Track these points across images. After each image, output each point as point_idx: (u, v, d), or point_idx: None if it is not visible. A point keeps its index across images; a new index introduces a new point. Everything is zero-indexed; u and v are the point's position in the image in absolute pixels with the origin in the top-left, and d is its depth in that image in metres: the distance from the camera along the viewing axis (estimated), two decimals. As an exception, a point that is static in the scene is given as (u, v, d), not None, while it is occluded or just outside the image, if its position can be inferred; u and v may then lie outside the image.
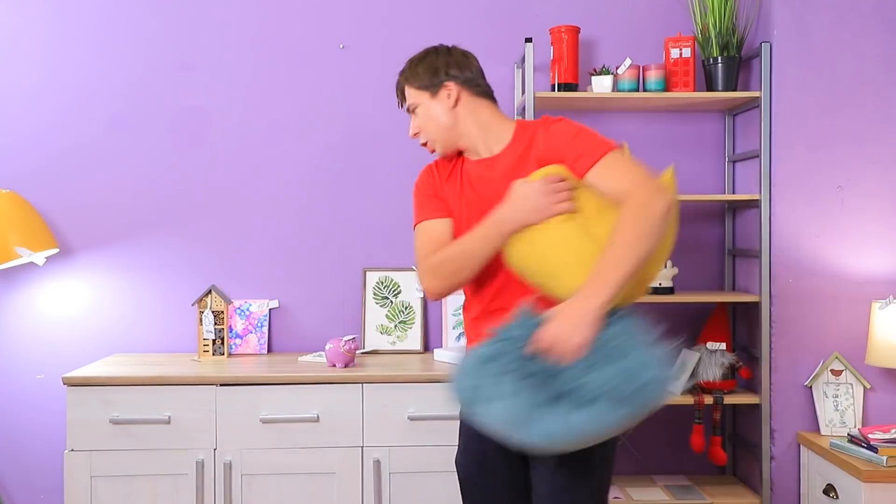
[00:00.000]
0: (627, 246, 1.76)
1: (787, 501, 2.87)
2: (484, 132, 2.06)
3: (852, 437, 2.65)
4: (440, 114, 2.07)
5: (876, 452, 2.54)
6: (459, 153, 2.12)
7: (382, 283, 3.14)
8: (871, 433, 2.60)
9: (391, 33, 3.16)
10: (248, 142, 3.15)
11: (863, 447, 2.59)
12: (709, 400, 2.90)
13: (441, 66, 2.07)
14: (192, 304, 3.03)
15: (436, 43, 2.13)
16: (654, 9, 3.16)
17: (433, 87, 2.07)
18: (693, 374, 2.94)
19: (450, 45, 2.16)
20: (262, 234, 3.16)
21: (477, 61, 2.14)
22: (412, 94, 2.11)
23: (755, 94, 2.88)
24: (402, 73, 2.15)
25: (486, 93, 2.11)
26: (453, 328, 3.11)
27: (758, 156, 2.90)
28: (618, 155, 1.90)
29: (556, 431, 1.68)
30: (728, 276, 3.18)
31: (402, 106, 2.17)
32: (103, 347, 3.10)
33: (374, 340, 3.12)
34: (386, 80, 3.15)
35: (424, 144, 2.14)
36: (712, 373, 2.90)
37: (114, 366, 2.84)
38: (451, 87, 2.06)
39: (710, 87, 2.94)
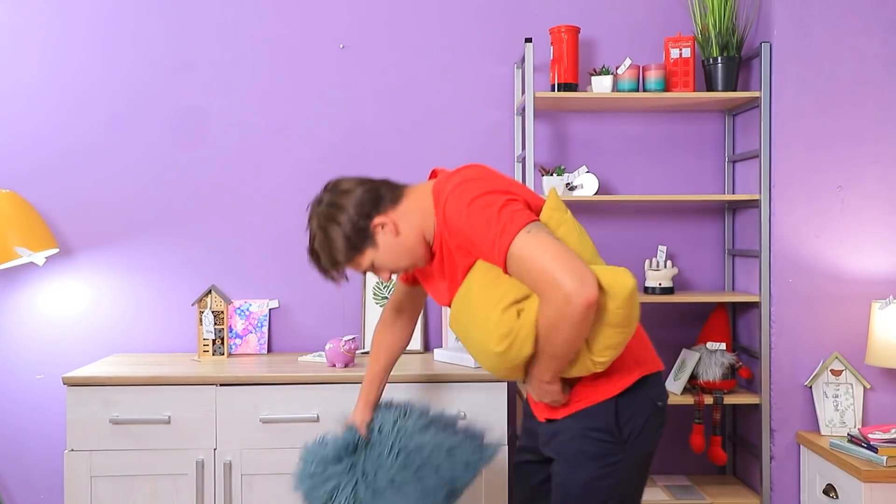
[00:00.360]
0: (552, 354, 1.78)
1: (786, 501, 2.87)
2: (426, 223, 1.93)
3: (852, 437, 2.65)
4: (396, 248, 1.92)
5: (876, 452, 2.54)
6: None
7: (382, 282, 3.14)
8: (871, 433, 2.60)
9: (391, 33, 3.16)
10: (247, 142, 3.15)
11: (863, 447, 2.59)
12: (709, 400, 2.90)
13: (352, 222, 1.89)
14: (192, 304, 3.03)
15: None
16: (654, 9, 3.16)
17: (368, 242, 1.91)
18: (693, 375, 2.95)
19: (318, 200, 1.96)
20: (262, 234, 3.16)
21: (349, 181, 1.95)
22: (358, 263, 1.95)
23: (755, 94, 2.88)
24: (322, 267, 1.96)
25: (394, 192, 1.94)
26: (453, 328, 3.11)
27: (758, 156, 2.90)
28: (520, 250, 1.72)
29: None
30: (728, 276, 3.18)
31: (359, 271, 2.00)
32: (103, 347, 3.10)
33: (374, 340, 3.11)
34: (386, 80, 3.17)
35: (407, 272, 2.04)
36: (712, 373, 2.90)
37: (114, 366, 2.84)
38: (380, 222, 1.90)
39: (710, 87, 2.94)
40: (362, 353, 3.06)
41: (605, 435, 1.87)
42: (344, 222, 1.89)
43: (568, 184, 2.99)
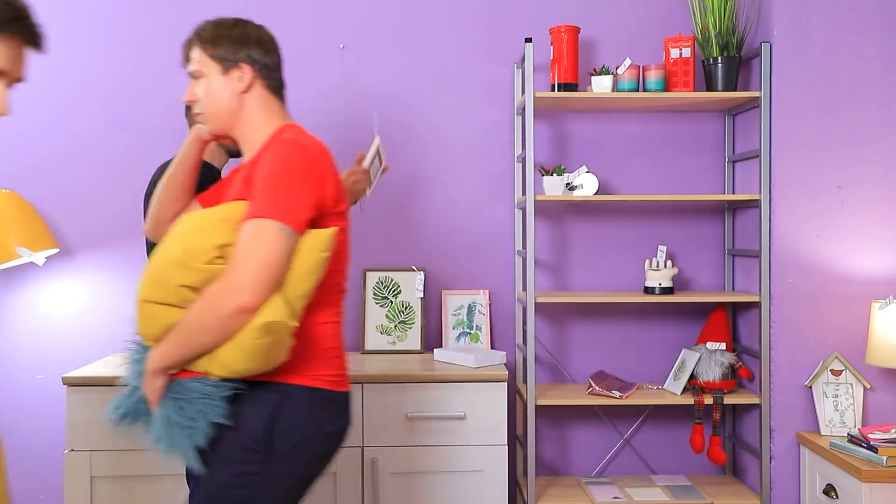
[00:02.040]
0: (186, 334, 1.75)
1: (786, 501, 2.87)
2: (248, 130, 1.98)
3: (852, 437, 2.64)
4: (217, 95, 1.95)
5: (876, 452, 2.54)
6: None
7: (382, 283, 3.14)
8: (871, 433, 2.59)
9: (391, 33, 3.16)
10: (248, 142, 3.15)
11: (863, 447, 2.59)
12: (709, 400, 2.90)
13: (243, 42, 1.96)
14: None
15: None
16: (654, 9, 3.16)
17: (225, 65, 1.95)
18: (693, 375, 2.95)
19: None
20: (262, 234, 3.16)
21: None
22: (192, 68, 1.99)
23: (755, 94, 2.87)
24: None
25: (277, 82, 2.02)
26: (453, 328, 3.11)
27: (758, 156, 2.90)
28: (257, 228, 1.73)
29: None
30: (728, 276, 3.18)
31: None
32: (103, 347, 3.10)
33: (374, 340, 3.11)
34: (386, 80, 3.17)
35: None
36: (712, 373, 2.90)
37: (114, 366, 2.83)
38: (242, 69, 1.94)
39: (710, 87, 2.94)
40: (362, 353, 3.07)
41: (251, 441, 1.80)
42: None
43: (568, 184, 2.99)
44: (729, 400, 2.90)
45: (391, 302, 3.13)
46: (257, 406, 1.80)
